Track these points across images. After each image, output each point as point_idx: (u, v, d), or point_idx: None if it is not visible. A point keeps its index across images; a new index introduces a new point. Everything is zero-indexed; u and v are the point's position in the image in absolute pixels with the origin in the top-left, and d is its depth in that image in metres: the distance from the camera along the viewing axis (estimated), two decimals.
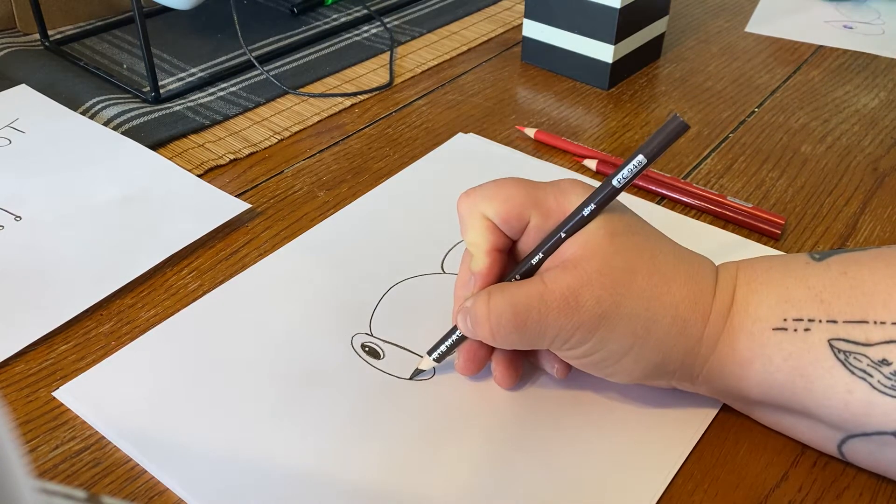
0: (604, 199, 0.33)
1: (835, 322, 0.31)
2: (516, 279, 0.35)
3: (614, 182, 0.33)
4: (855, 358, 0.31)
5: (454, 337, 0.37)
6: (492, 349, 0.37)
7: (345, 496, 0.33)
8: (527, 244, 0.36)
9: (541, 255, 0.34)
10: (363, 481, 0.34)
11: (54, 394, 0.37)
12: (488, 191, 0.35)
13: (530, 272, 0.35)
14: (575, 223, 0.33)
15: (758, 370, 0.33)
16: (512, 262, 0.37)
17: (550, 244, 0.34)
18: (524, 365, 0.38)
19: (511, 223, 0.35)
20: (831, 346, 0.31)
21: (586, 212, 0.33)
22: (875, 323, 0.31)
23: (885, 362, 0.30)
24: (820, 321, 0.32)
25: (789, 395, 0.33)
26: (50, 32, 0.68)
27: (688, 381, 0.35)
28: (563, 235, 0.34)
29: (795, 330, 0.32)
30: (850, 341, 0.31)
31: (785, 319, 0.32)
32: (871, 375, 0.30)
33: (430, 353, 0.38)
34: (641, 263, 0.33)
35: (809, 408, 0.32)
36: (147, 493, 0.33)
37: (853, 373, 0.31)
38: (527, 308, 0.33)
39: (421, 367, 0.39)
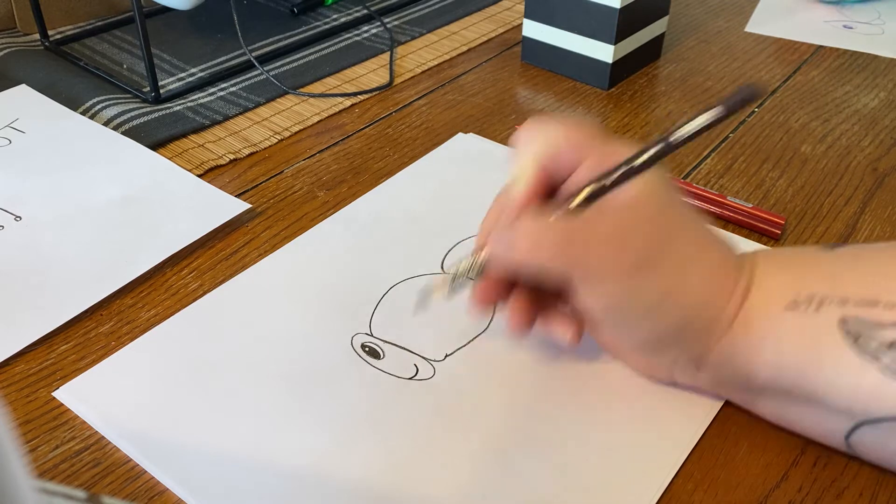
0: (658, 153, 0.32)
1: (847, 301, 0.31)
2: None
3: (672, 139, 0.32)
4: (865, 339, 0.31)
5: (479, 261, 0.36)
6: (508, 291, 0.36)
7: (345, 496, 0.33)
8: (572, 185, 0.35)
9: (587, 192, 0.33)
10: (363, 481, 0.34)
11: (54, 394, 0.37)
12: (553, 122, 0.35)
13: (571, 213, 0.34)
14: (626, 171, 0.33)
15: (769, 350, 0.33)
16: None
17: (598, 187, 0.33)
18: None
19: (566, 158, 0.34)
20: (842, 326, 0.31)
21: (637, 162, 0.32)
22: (886, 305, 0.31)
23: (894, 345, 0.30)
24: (831, 299, 0.32)
25: (798, 377, 0.32)
26: (50, 32, 0.68)
27: (693, 366, 0.35)
28: (609, 182, 0.33)
29: (807, 307, 0.32)
30: (861, 321, 0.31)
31: (797, 299, 0.32)
32: (880, 358, 0.30)
33: (447, 273, 0.37)
34: (683, 226, 0.34)
35: (818, 391, 0.32)
36: (147, 493, 0.33)
37: (864, 354, 0.31)
38: (573, 232, 0.32)
39: (435, 287, 0.37)
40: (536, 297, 0.37)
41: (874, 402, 0.31)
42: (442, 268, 0.45)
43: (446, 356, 0.39)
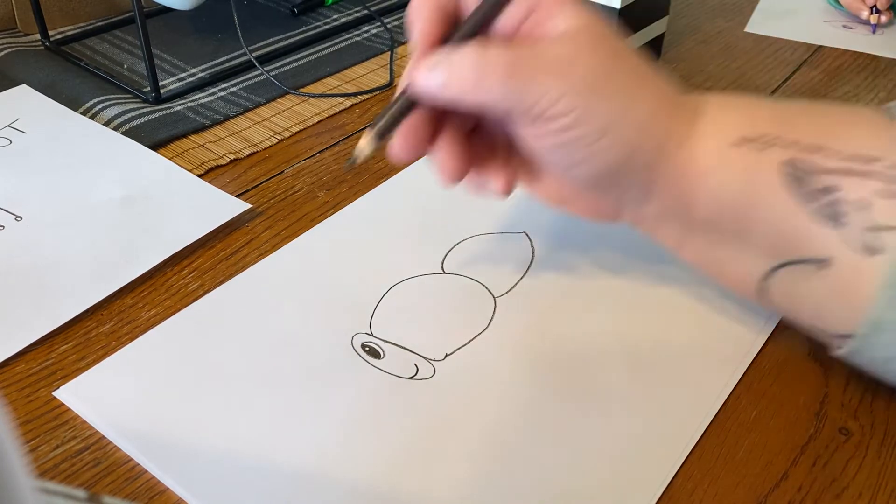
0: None
1: (795, 144, 0.33)
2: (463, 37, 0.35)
3: None
4: (803, 182, 0.32)
5: (396, 107, 0.35)
6: (435, 133, 0.36)
7: (345, 496, 0.33)
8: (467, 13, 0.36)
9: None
10: (363, 481, 0.34)
11: (55, 393, 0.37)
12: None
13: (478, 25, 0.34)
14: None
15: (712, 182, 0.34)
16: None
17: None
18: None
19: None
20: (785, 167, 0.32)
21: None
22: (830, 152, 0.32)
23: (827, 191, 0.32)
24: (780, 141, 0.33)
25: (734, 210, 0.34)
26: (50, 32, 0.68)
27: (642, 193, 0.35)
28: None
29: (754, 145, 0.33)
30: (802, 165, 0.32)
31: (746, 136, 0.33)
32: (811, 202, 0.32)
33: (371, 126, 0.35)
34: (628, 55, 0.34)
35: (749, 229, 0.34)
36: (147, 493, 0.33)
37: (798, 195, 0.32)
38: (521, 59, 0.32)
39: (361, 146, 0.35)
40: (468, 144, 0.36)
41: (796, 242, 0.33)
42: (442, 268, 0.45)
43: (446, 356, 0.39)
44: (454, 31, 0.35)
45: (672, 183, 0.34)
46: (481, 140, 0.37)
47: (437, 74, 0.33)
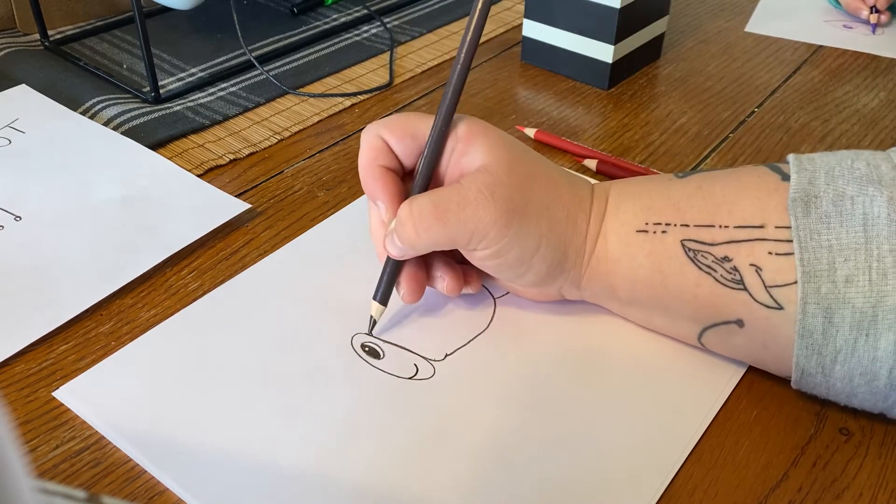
0: (458, 80, 0.38)
1: (687, 226, 0.37)
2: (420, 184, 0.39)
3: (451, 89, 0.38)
4: (702, 255, 0.36)
5: (388, 271, 0.40)
6: (429, 270, 0.40)
7: (345, 496, 0.33)
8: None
9: (429, 146, 0.38)
10: (363, 481, 0.34)
11: (54, 394, 0.37)
12: (367, 131, 0.40)
13: (430, 167, 0.38)
14: (446, 111, 0.38)
15: (625, 267, 0.38)
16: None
17: (433, 142, 0.38)
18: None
19: (405, 141, 0.39)
20: (683, 246, 0.36)
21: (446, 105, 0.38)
22: (719, 227, 0.36)
23: (726, 259, 0.35)
24: (675, 225, 0.37)
25: (651, 291, 0.38)
26: (50, 32, 0.68)
27: (576, 285, 0.39)
28: (440, 129, 0.38)
29: (654, 232, 0.37)
30: (698, 241, 0.36)
31: (647, 223, 0.37)
32: (714, 270, 0.36)
33: (374, 297, 0.40)
34: (538, 172, 0.38)
35: (668, 302, 0.37)
36: (147, 493, 0.33)
37: (700, 269, 0.36)
38: (447, 201, 0.36)
39: (373, 315, 0.40)
40: (425, 262, 0.41)
41: (712, 308, 0.36)
42: None
43: (446, 356, 0.39)
44: (412, 184, 0.39)
45: (595, 273, 0.39)
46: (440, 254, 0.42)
47: (395, 242, 0.38)
